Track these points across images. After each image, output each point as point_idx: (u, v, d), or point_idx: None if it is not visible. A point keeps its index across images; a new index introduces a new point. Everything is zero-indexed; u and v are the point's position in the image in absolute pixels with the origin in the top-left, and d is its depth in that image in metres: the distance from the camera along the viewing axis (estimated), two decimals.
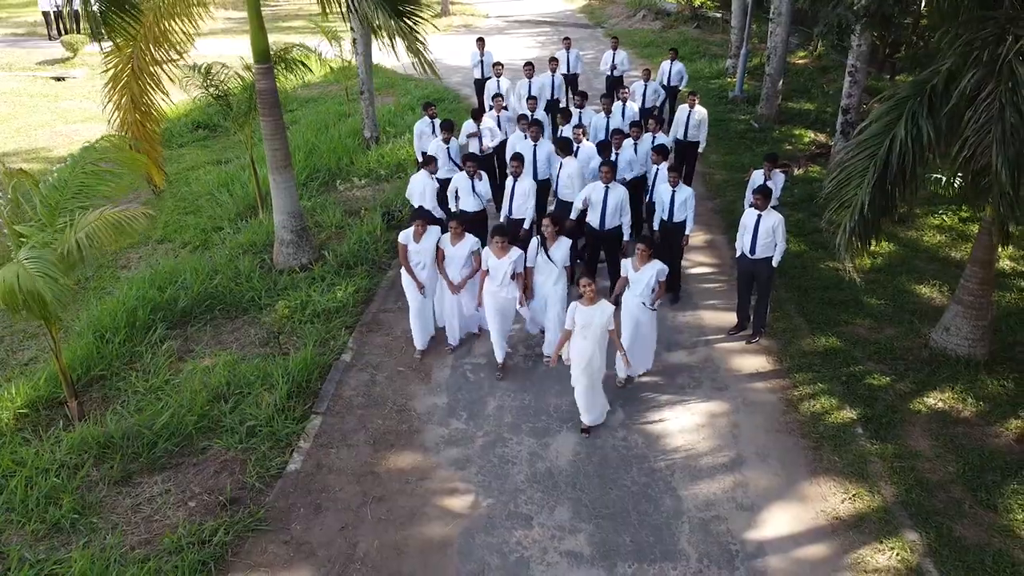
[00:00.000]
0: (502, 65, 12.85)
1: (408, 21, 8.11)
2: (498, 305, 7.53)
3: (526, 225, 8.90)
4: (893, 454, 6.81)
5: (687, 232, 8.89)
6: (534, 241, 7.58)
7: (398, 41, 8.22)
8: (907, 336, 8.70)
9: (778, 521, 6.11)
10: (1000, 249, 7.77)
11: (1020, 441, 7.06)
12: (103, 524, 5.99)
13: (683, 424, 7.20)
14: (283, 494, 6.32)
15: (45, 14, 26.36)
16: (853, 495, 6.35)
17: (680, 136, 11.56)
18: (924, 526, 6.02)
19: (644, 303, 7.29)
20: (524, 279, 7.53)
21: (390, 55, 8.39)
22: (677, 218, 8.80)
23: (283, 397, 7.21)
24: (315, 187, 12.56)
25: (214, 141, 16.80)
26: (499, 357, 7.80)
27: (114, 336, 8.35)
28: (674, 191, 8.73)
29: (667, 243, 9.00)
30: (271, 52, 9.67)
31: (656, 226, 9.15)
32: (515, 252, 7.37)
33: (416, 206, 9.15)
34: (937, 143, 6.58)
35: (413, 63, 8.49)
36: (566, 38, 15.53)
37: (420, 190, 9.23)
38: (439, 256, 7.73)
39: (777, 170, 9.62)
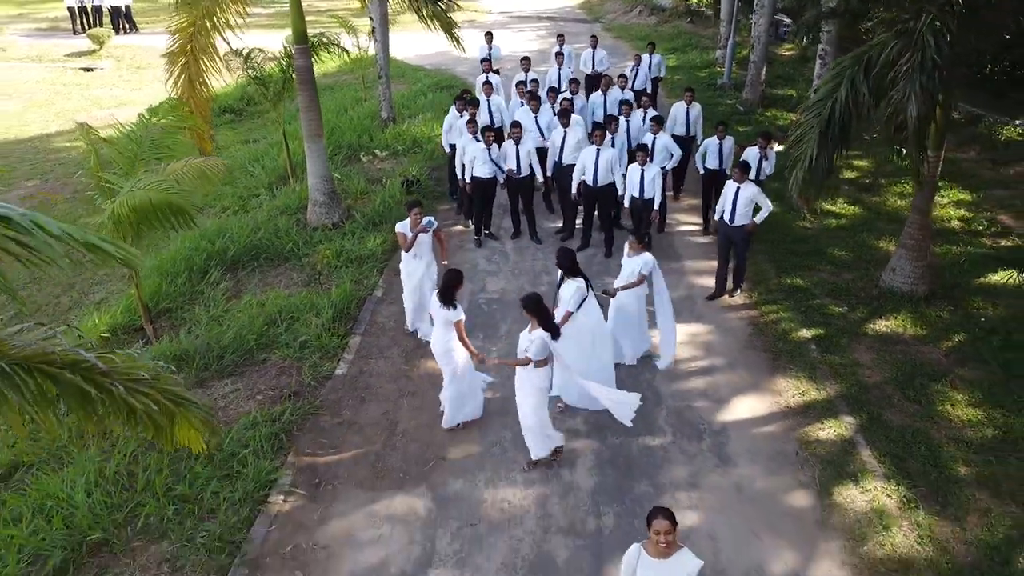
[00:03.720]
0: (497, 72, 14.19)
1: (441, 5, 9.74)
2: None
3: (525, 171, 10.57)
4: (839, 363, 8.16)
5: (655, 208, 9.84)
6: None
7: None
8: (862, 279, 10.04)
9: (740, 409, 7.46)
10: (920, 189, 9.13)
11: (948, 355, 8.42)
12: None
13: None
14: (333, 390, 7.67)
15: (70, 9, 27.72)
16: (803, 391, 7.70)
17: (681, 132, 12.12)
18: (858, 412, 7.37)
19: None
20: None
21: (400, 48, 9.87)
22: (647, 195, 9.78)
23: (328, 319, 8.57)
24: (339, 160, 13.89)
25: (240, 124, 18.19)
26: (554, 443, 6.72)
27: (176, 278, 9.68)
28: (643, 170, 9.72)
29: (637, 217, 10.02)
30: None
31: (627, 203, 10.02)
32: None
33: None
34: (875, 104, 7.93)
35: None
36: (593, 36, 16.57)
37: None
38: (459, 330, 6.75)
39: (770, 147, 10.80)
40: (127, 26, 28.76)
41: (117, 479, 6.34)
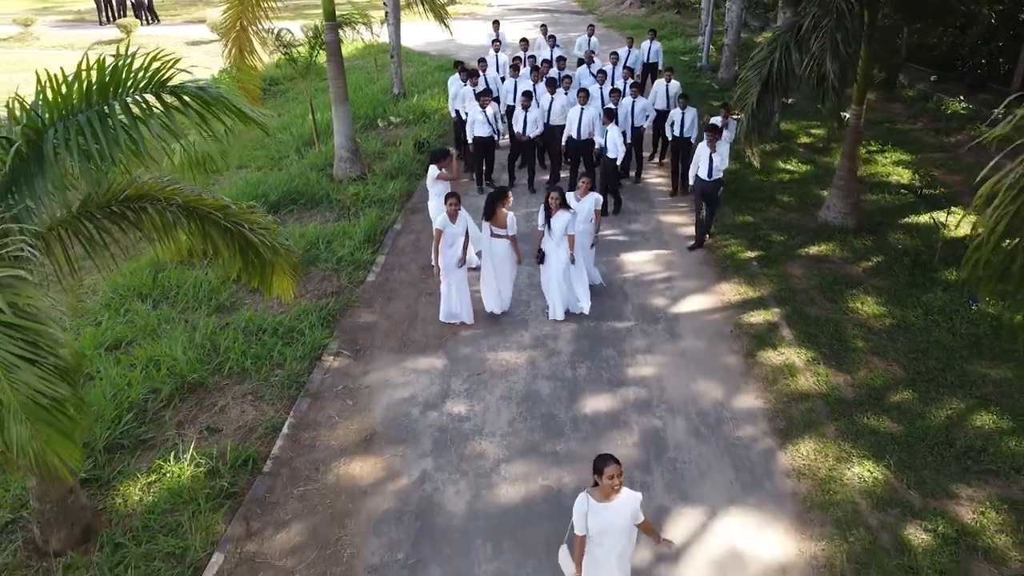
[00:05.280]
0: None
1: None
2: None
3: (531, 134, 12.31)
4: (775, 274, 10.06)
5: (617, 164, 11.54)
6: (541, 210, 8.77)
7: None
8: (804, 218, 11.94)
9: (691, 304, 9.36)
10: (838, 128, 11.04)
11: (866, 271, 10.31)
12: (250, 306, 9.20)
13: (635, 260, 10.47)
14: (366, 291, 9.58)
15: (97, 1, 29.58)
16: (742, 292, 9.61)
17: (662, 106, 13.71)
18: (784, 305, 9.27)
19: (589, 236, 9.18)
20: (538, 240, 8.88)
21: (408, 38, 11.65)
22: (610, 154, 11.39)
23: (359, 241, 10.46)
24: (357, 128, 15.72)
25: (265, 102, 19.99)
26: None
27: None
28: (607, 130, 11.41)
29: (604, 170, 11.74)
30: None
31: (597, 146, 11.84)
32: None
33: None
34: (800, 63, 9.80)
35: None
36: (590, 25, 18.31)
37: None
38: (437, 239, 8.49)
39: (732, 117, 12.61)
40: (149, 17, 30.63)
41: (203, 346, 8.23)
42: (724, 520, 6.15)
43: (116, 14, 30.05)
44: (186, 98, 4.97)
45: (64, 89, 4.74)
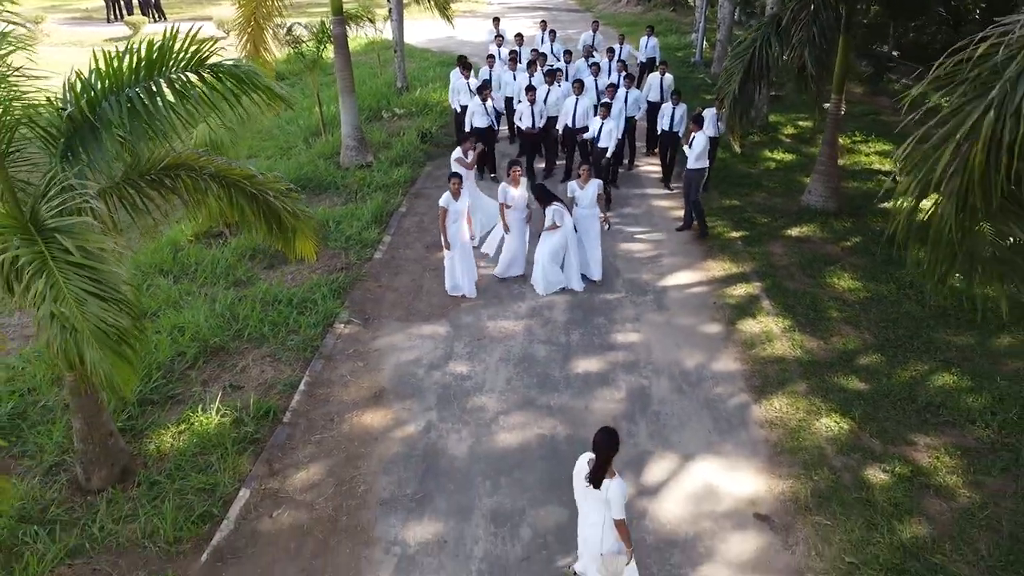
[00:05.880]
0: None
1: None
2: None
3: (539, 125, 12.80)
4: (757, 252, 10.69)
5: (608, 155, 11.98)
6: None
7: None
8: (788, 202, 12.58)
9: (678, 279, 10.00)
10: (820, 118, 11.70)
11: (844, 250, 10.94)
12: (265, 280, 9.83)
13: (626, 239, 11.10)
14: (374, 267, 10.21)
15: None
16: (726, 268, 10.24)
17: (656, 99, 14.29)
18: (764, 279, 9.91)
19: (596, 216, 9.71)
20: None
21: (410, 35, 12.20)
22: (602, 144, 11.92)
23: (367, 222, 11.09)
24: (363, 119, 16.35)
25: None
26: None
27: None
28: (602, 123, 11.97)
29: (595, 160, 12.10)
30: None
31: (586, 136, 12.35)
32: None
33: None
34: (780, 53, 10.45)
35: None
36: (595, 20, 18.86)
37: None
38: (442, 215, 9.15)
39: (723, 111, 13.16)
40: (156, 15, 31.23)
41: (223, 315, 8.86)
42: (701, 463, 6.79)
43: (124, 11, 30.65)
44: (222, 76, 5.58)
45: (116, 63, 5.36)
